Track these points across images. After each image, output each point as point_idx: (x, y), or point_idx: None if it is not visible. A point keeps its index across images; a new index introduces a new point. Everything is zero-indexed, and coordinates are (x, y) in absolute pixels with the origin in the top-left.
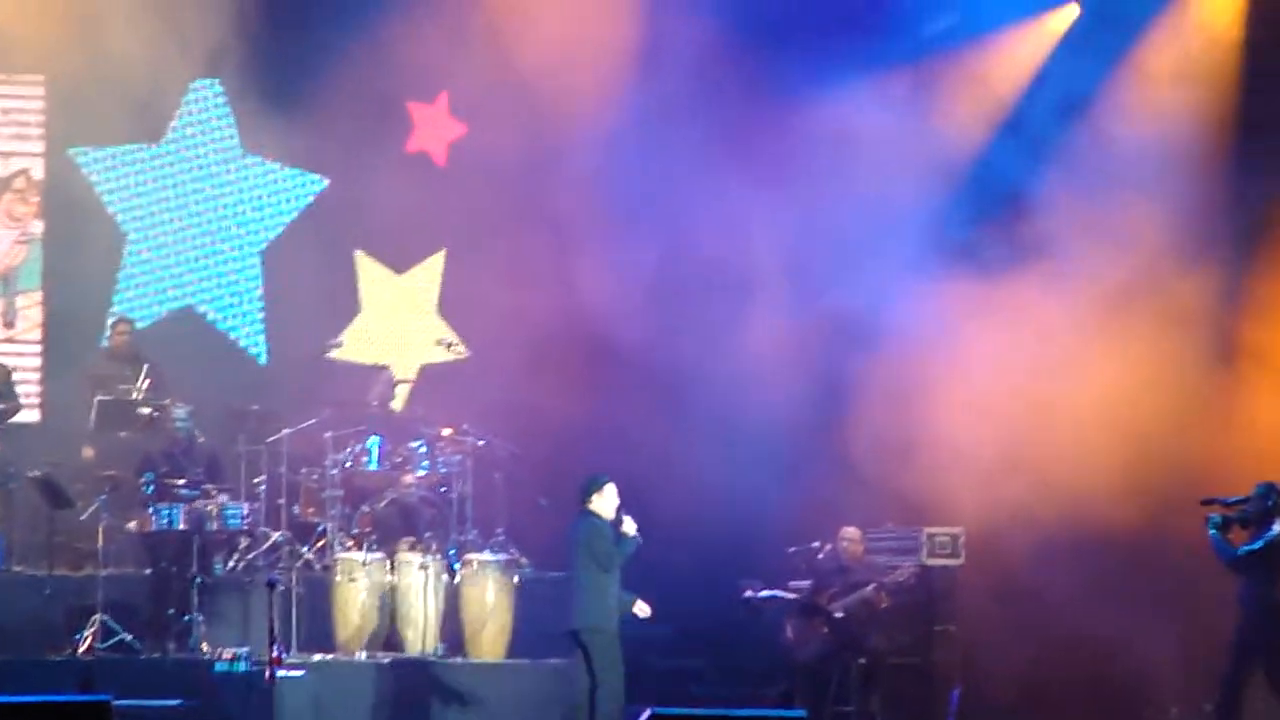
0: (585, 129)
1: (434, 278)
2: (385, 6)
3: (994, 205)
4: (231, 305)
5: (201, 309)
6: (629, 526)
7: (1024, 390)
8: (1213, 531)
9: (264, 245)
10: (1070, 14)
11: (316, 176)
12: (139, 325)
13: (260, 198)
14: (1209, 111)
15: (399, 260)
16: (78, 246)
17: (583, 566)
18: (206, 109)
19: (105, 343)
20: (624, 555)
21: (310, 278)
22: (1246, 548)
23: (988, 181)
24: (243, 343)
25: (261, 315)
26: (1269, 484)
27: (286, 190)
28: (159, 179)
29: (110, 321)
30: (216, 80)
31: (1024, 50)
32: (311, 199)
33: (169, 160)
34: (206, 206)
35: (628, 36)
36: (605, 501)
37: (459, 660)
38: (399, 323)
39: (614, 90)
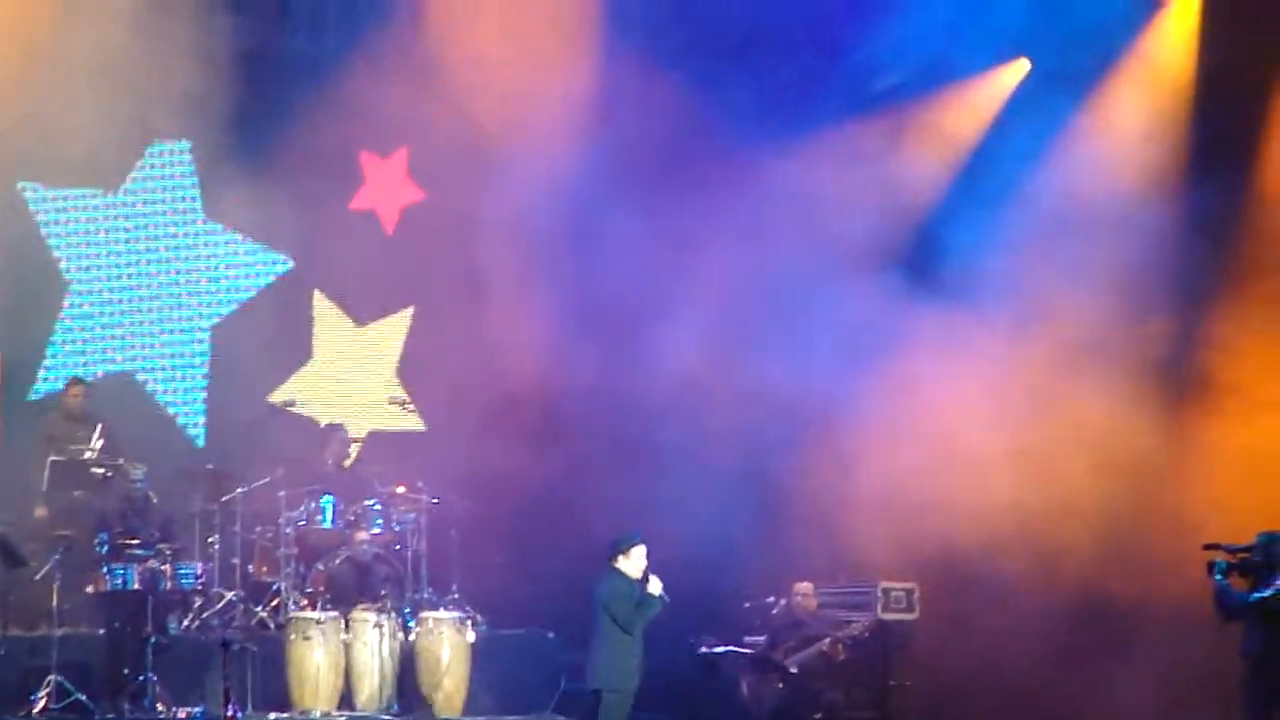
0: (542, 187)
1: (397, 335)
2: (348, 65)
3: (948, 255)
4: (173, 379)
5: (141, 377)
6: (654, 587)
7: (985, 437)
8: (1219, 577)
9: (215, 320)
10: (1021, 69)
11: (281, 256)
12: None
13: (217, 269)
14: (1163, 155)
15: (360, 312)
16: (29, 306)
17: (605, 625)
18: (170, 165)
19: (34, 396)
20: (646, 617)
21: (263, 317)
22: (1258, 595)
23: (942, 232)
24: (180, 420)
25: (204, 394)
26: (1272, 534)
27: (246, 265)
28: (111, 230)
29: (64, 382)
30: (184, 140)
31: (975, 104)
32: (272, 279)
33: (123, 212)
34: (158, 269)
35: (584, 92)
36: (632, 562)
37: (413, 718)
38: (353, 377)
39: (571, 148)
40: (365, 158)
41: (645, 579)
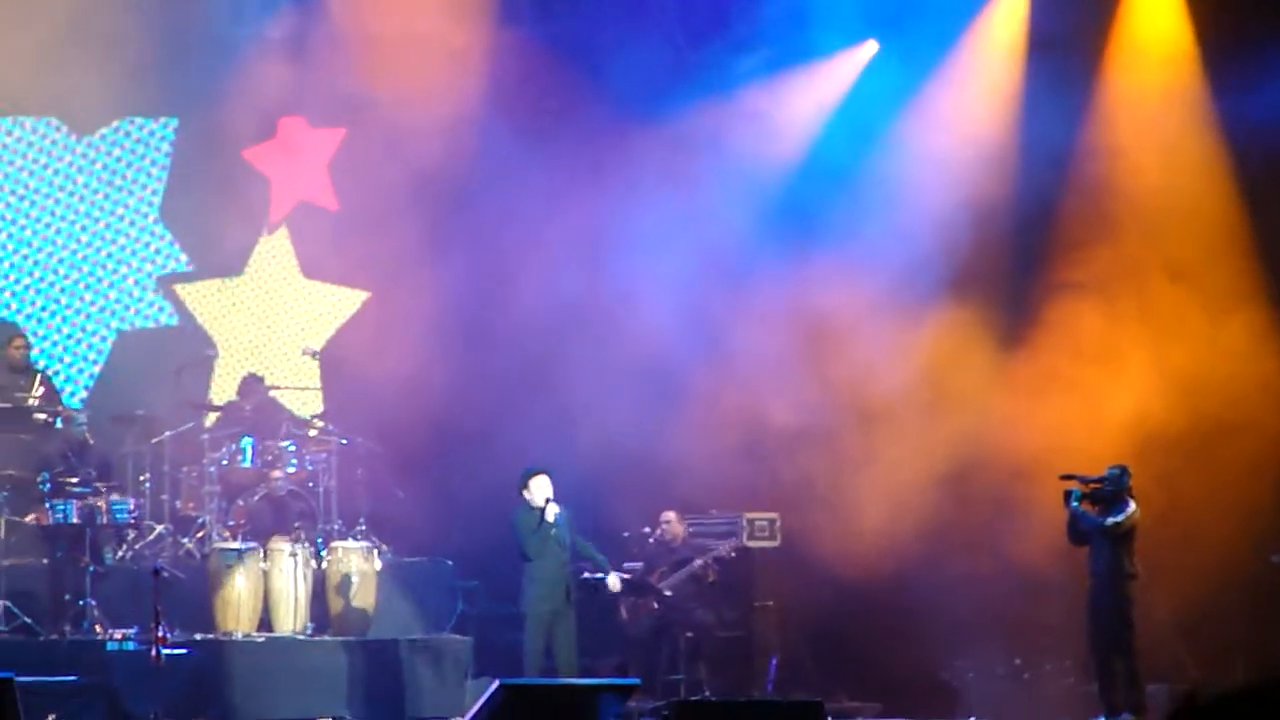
0: (442, 164)
1: (339, 310)
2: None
3: (801, 223)
4: (61, 362)
5: (31, 338)
6: (549, 513)
7: (835, 385)
8: (1075, 504)
9: (126, 329)
10: (869, 50)
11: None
12: None
13: (148, 275)
14: (996, 138)
15: (308, 265)
16: None
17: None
18: (149, 139)
19: None
20: (542, 543)
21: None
22: (1112, 519)
23: (794, 204)
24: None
25: (86, 394)
26: (1123, 466)
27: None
28: (60, 172)
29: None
30: (174, 119)
31: (827, 84)
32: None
33: (80, 163)
34: (90, 240)
35: (480, 75)
36: (531, 492)
37: (326, 638)
38: (275, 318)
39: (469, 122)
40: (285, 122)
41: (545, 506)
